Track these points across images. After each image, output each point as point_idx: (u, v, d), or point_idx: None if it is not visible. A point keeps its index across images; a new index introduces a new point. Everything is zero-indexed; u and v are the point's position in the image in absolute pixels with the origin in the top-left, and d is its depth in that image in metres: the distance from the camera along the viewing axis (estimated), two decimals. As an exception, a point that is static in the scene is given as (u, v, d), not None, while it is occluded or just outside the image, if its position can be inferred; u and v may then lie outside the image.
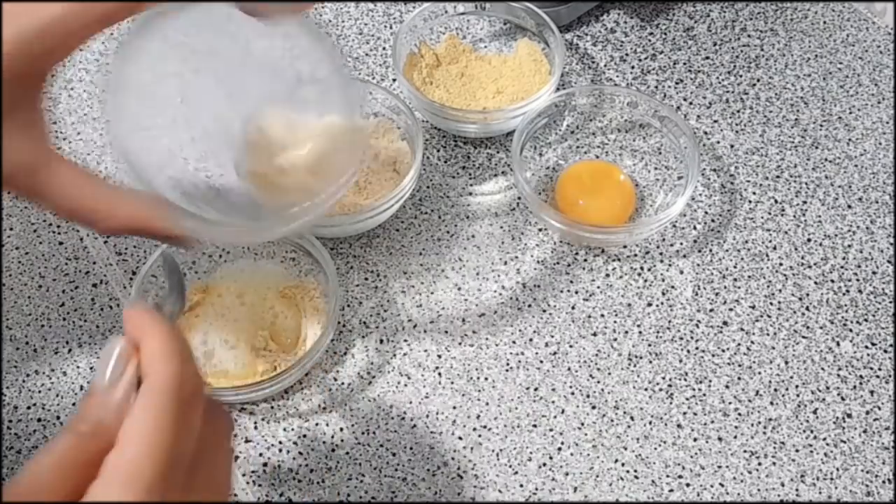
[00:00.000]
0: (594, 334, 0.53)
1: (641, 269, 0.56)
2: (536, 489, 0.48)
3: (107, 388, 0.33)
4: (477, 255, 0.57)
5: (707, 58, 0.67)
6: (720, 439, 0.50)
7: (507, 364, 0.52)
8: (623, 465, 0.49)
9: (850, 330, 0.54)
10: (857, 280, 0.56)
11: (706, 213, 0.59)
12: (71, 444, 0.32)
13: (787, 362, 0.52)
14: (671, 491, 0.48)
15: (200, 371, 0.35)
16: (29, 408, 0.50)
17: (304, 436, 0.49)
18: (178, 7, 0.39)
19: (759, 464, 0.49)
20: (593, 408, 0.51)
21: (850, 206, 0.59)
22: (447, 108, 0.58)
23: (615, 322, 0.54)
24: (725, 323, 0.54)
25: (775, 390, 0.51)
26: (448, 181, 0.60)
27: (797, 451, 0.50)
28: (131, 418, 0.32)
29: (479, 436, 0.50)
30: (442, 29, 0.66)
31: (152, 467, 0.31)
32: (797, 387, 0.51)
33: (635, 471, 0.49)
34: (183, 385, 0.33)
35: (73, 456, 0.31)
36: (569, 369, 0.52)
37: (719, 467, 0.49)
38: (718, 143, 0.62)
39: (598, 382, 0.52)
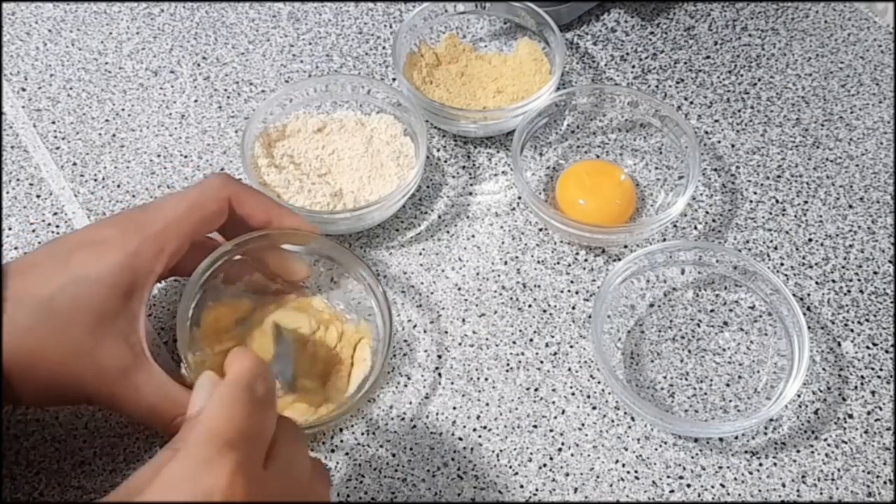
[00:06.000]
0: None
1: (642, 269, 0.55)
2: (537, 490, 0.48)
3: (198, 412, 0.36)
4: (477, 255, 0.57)
5: (708, 57, 0.67)
6: (721, 439, 0.50)
7: (508, 364, 0.52)
8: (624, 465, 0.49)
9: (852, 330, 0.54)
10: (859, 280, 0.56)
11: (707, 212, 0.59)
12: (166, 458, 0.34)
13: (787, 362, 0.52)
14: (672, 492, 0.48)
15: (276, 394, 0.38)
16: (28, 407, 0.50)
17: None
18: None
19: (760, 464, 0.49)
20: (594, 408, 0.51)
21: (851, 206, 0.59)
22: (447, 108, 0.58)
23: (616, 322, 0.54)
24: (726, 323, 0.54)
25: (773, 387, 0.51)
26: (448, 181, 0.60)
27: (798, 451, 0.49)
28: (207, 406, 0.35)
29: (480, 436, 0.50)
30: (442, 28, 0.66)
31: (229, 431, 0.33)
32: (798, 387, 0.51)
33: (636, 471, 0.49)
34: (254, 382, 0.36)
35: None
36: (569, 370, 0.52)
37: (720, 468, 0.49)
38: (719, 142, 0.62)
39: (599, 383, 0.52)
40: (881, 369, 0.52)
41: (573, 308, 0.54)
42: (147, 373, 0.43)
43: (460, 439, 0.50)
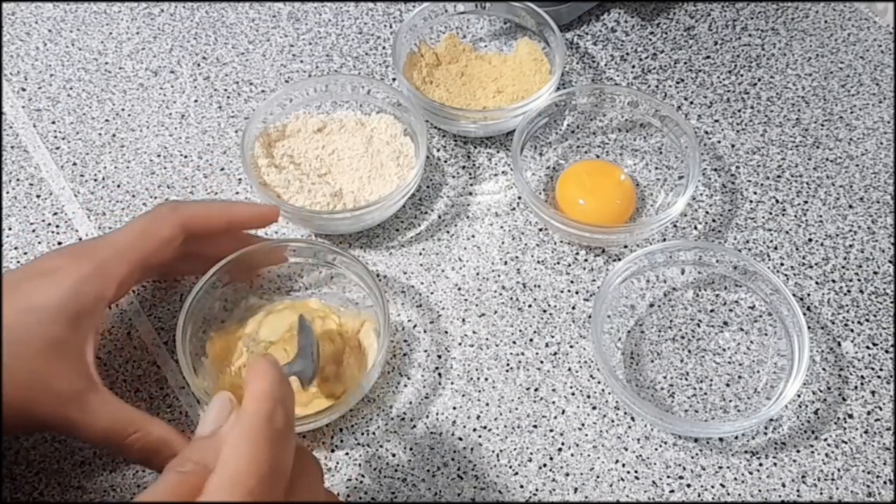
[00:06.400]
0: (594, 334, 0.53)
1: (642, 269, 0.55)
2: (537, 490, 0.48)
3: (209, 433, 0.36)
4: (477, 255, 0.57)
5: (708, 57, 0.67)
6: (721, 439, 0.50)
7: (508, 364, 0.52)
8: (623, 465, 0.49)
9: (852, 330, 0.54)
10: (858, 280, 0.56)
11: (707, 212, 0.59)
12: (174, 482, 0.34)
13: (787, 362, 0.52)
14: (672, 492, 0.48)
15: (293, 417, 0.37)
16: None
17: (304, 437, 0.49)
18: None
19: (760, 464, 0.49)
20: (594, 408, 0.51)
21: (851, 206, 0.59)
22: (447, 108, 0.58)
23: (616, 322, 0.54)
24: (726, 323, 0.54)
25: (773, 387, 0.51)
26: (448, 181, 0.60)
27: (798, 451, 0.49)
28: (228, 443, 0.34)
29: (480, 436, 0.50)
30: (442, 28, 0.66)
31: (251, 477, 0.33)
32: (798, 387, 0.51)
33: (636, 471, 0.49)
34: (274, 412, 0.35)
35: (176, 493, 0.33)
36: (569, 370, 0.52)
37: (720, 468, 0.49)
38: (719, 142, 0.62)
39: (599, 383, 0.52)
40: (881, 369, 0.52)
41: (573, 308, 0.54)
42: (98, 396, 0.43)
43: (460, 439, 0.50)
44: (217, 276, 0.50)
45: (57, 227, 0.57)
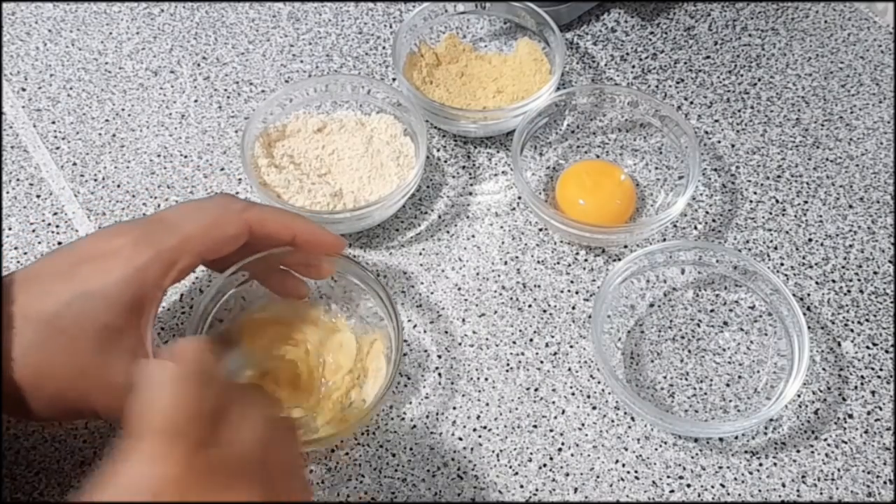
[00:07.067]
0: (594, 334, 0.53)
1: (642, 269, 0.55)
2: (537, 490, 0.48)
3: None
4: (477, 255, 0.57)
5: (708, 57, 0.67)
6: (721, 439, 0.50)
7: (508, 364, 0.52)
8: (623, 465, 0.49)
9: (852, 330, 0.54)
10: (859, 280, 0.56)
11: (707, 212, 0.59)
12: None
13: (787, 362, 0.52)
14: (672, 492, 0.48)
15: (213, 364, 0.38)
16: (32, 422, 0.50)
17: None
18: None
19: (760, 464, 0.49)
20: (594, 408, 0.51)
21: (851, 206, 0.59)
22: (447, 108, 0.58)
23: (616, 322, 0.54)
24: (726, 323, 0.54)
25: (773, 387, 0.51)
26: (448, 181, 0.60)
27: (798, 451, 0.49)
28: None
29: (480, 436, 0.50)
30: (442, 28, 0.66)
31: (149, 418, 0.34)
32: (798, 387, 0.51)
33: (636, 471, 0.49)
34: (187, 363, 0.36)
35: None
36: (569, 370, 0.52)
37: (720, 468, 0.49)
38: (719, 142, 0.62)
39: (599, 383, 0.52)
40: (881, 369, 0.52)
41: (573, 308, 0.54)
42: None
43: (460, 439, 0.50)
44: (236, 276, 0.49)
45: (57, 227, 0.57)
